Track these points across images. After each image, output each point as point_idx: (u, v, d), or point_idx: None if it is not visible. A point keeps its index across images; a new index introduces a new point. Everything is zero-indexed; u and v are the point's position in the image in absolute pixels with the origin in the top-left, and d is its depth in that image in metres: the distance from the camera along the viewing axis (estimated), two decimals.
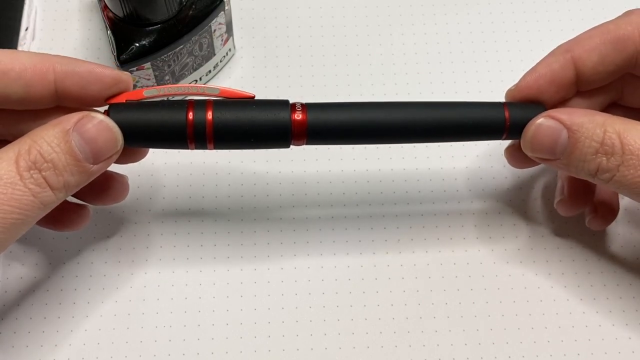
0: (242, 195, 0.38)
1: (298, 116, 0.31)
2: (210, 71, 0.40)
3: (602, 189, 0.36)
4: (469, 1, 0.44)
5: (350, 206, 0.38)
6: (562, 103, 0.33)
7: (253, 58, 0.42)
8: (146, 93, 0.30)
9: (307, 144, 0.31)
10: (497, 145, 0.38)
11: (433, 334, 0.36)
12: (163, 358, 0.35)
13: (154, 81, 0.38)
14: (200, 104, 0.30)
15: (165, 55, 0.36)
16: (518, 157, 0.35)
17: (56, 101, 0.30)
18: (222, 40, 0.39)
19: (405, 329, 0.36)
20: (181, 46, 0.36)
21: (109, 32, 0.36)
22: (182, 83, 0.39)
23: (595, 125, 0.30)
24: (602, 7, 0.44)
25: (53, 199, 0.28)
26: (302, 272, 0.37)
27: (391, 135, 0.32)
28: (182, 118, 0.30)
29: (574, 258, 0.37)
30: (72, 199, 0.34)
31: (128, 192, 0.35)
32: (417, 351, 0.35)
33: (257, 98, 0.31)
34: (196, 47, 0.38)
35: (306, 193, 0.39)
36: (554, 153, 0.31)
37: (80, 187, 0.29)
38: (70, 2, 0.43)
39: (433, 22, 0.43)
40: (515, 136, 0.32)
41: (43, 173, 0.27)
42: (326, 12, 0.43)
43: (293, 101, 0.31)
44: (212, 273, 0.37)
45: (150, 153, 0.34)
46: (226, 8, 0.38)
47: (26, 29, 0.41)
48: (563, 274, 0.37)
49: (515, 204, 0.39)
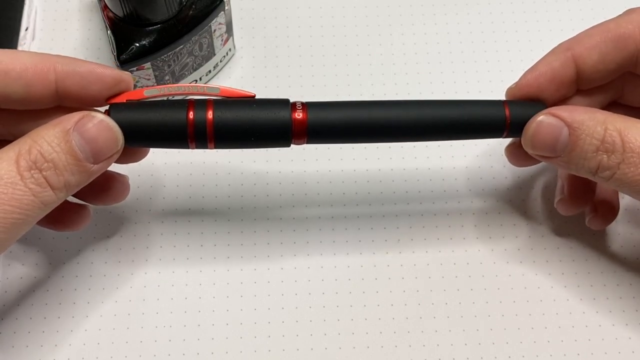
0: (242, 195, 0.38)
1: (298, 115, 0.31)
2: (210, 71, 0.40)
3: (603, 189, 0.36)
4: (469, 1, 0.44)
5: (350, 206, 0.38)
6: (563, 101, 0.33)
7: (253, 58, 0.42)
8: (147, 93, 0.30)
9: (308, 143, 0.31)
10: (497, 145, 0.38)
11: (433, 334, 0.36)
12: (163, 358, 0.35)
13: (154, 81, 0.38)
14: (200, 104, 0.30)
15: (165, 55, 0.36)
16: (518, 156, 0.35)
17: (57, 101, 0.30)
18: (222, 40, 0.39)
19: (405, 329, 0.36)
20: (181, 46, 0.36)
21: (109, 32, 0.36)
22: (183, 83, 0.39)
23: (596, 122, 0.30)
24: (602, 7, 0.44)
25: (54, 199, 0.28)
26: (302, 272, 0.37)
27: (391, 133, 0.32)
28: (183, 117, 0.30)
29: (574, 258, 0.37)
30: (73, 199, 0.34)
31: (129, 192, 0.35)
32: (417, 351, 0.35)
33: (258, 97, 0.31)
34: (196, 47, 0.38)
35: (306, 193, 0.39)
36: (555, 150, 0.31)
37: (80, 187, 0.29)
38: (70, 2, 0.43)
39: (433, 22, 0.43)
40: (515, 134, 0.32)
41: (44, 173, 0.27)
42: (326, 12, 0.43)
43: (293, 100, 0.31)
44: (212, 273, 0.37)
45: (150, 153, 0.34)
46: (226, 8, 0.38)
47: (26, 29, 0.41)
48: (563, 274, 0.37)
49: (515, 204, 0.39)
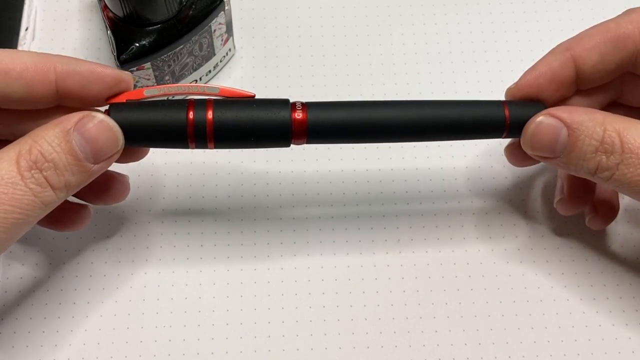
0: (242, 195, 0.38)
1: (298, 115, 0.31)
2: (210, 71, 0.40)
3: (603, 188, 0.36)
4: (469, 1, 0.44)
5: (350, 206, 0.38)
6: (562, 101, 0.33)
7: (253, 58, 0.42)
8: (147, 92, 0.30)
9: (307, 143, 0.31)
10: (497, 145, 0.39)
11: (433, 334, 0.36)
12: (163, 358, 0.35)
13: (154, 81, 0.38)
14: (200, 104, 0.30)
15: (165, 55, 0.36)
16: (518, 156, 0.35)
17: (57, 101, 0.30)
18: (222, 40, 0.39)
19: (405, 329, 0.36)
20: (181, 46, 0.36)
21: (109, 32, 0.36)
22: (182, 83, 0.39)
23: (595, 123, 0.30)
24: (602, 7, 0.44)
25: (54, 199, 0.28)
26: (302, 272, 0.37)
27: (391, 134, 0.32)
28: (183, 117, 0.30)
29: (574, 258, 0.37)
30: (73, 199, 0.34)
31: (129, 192, 0.35)
32: (417, 351, 0.35)
33: (257, 97, 0.31)
34: (196, 47, 0.38)
35: (306, 193, 0.39)
36: (554, 151, 0.31)
37: (81, 187, 0.29)
38: (70, 2, 0.43)
39: (433, 22, 0.43)
40: (515, 134, 0.32)
41: (44, 173, 0.27)
42: (326, 12, 0.43)
43: (293, 100, 0.31)
44: (212, 273, 0.37)
45: (150, 153, 0.34)
46: (226, 8, 0.38)
47: (26, 29, 0.41)
48: (563, 274, 0.37)
49: (515, 204, 0.39)
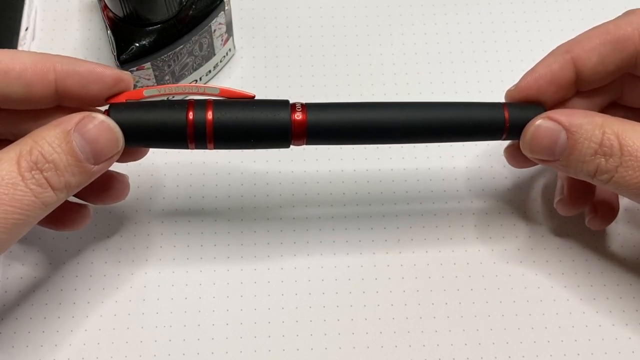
0: (242, 195, 0.38)
1: (298, 116, 0.31)
2: (210, 71, 0.40)
3: (602, 189, 0.36)
4: (469, 1, 0.44)
5: (350, 206, 0.38)
6: (562, 103, 0.33)
7: (253, 58, 0.42)
8: (146, 93, 0.30)
9: (307, 144, 0.31)
10: (497, 145, 0.38)
11: (433, 334, 0.36)
12: (163, 358, 0.35)
13: (154, 81, 0.38)
14: (200, 104, 0.30)
15: (165, 55, 0.36)
16: (517, 157, 0.35)
17: (57, 101, 0.30)
18: (222, 40, 0.39)
19: (405, 329, 0.36)
20: (181, 46, 0.36)
21: (109, 32, 0.36)
22: (182, 83, 0.39)
23: (594, 126, 0.30)
24: (602, 7, 0.44)
25: (54, 200, 0.28)
26: (302, 272, 0.37)
27: (391, 135, 0.32)
28: (183, 118, 0.30)
29: (574, 258, 0.37)
30: (73, 199, 0.33)
31: (129, 192, 0.35)
32: (417, 351, 0.35)
33: (257, 98, 0.31)
34: (196, 47, 0.38)
35: (306, 193, 0.39)
36: (553, 154, 0.31)
37: (81, 188, 0.29)
38: (70, 2, 0.43)
39: (433, 22, 0.43)
40: (514, 137, 0.32)
41: (44, 173, 0.27)
42: (326, 12, 0.43)
43: (293, 101, 0.31)
44: (212, 273, 0.37)
45: (150, 153, 0.34)
46: (226, 8, 0.38)
47: (26, 29, 0.41)
48: (563, 274, 0.37)
49: (515, 204, 0.39)
